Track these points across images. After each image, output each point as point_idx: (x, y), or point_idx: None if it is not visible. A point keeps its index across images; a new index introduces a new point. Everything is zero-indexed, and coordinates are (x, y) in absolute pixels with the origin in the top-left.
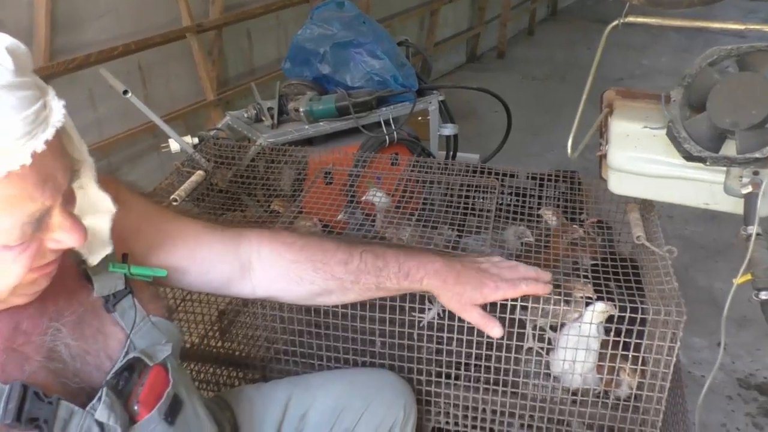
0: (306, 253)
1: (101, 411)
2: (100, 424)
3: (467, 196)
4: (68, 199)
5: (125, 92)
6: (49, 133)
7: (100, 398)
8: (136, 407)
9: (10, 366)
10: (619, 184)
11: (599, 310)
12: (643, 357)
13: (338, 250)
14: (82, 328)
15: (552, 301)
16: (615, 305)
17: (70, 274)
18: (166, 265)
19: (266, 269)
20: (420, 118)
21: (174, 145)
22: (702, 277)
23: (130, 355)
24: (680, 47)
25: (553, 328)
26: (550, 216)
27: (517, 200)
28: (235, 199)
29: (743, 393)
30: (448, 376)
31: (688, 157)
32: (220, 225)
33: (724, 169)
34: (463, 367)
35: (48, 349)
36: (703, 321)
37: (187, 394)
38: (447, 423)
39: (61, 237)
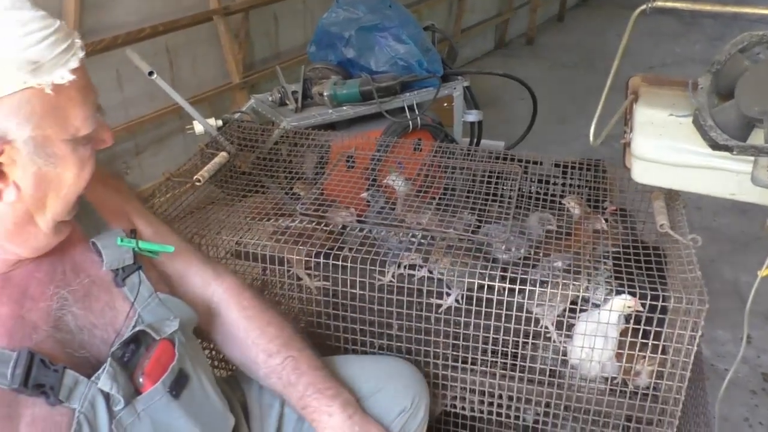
0: (250, 323)
1: (104, 380)
2: (105, 394)
3: (489, 183)
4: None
5: (150, 73)
6: (79, 39)
7: (104, 368)
8: (141, 379)
9: (19, 333)
10: (643, 173)
11: (621, 304)
12: (664, 346)
13: (272, 341)
14: (90, 301)
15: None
16: (638, 300)
17: (78, 246)
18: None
19: (217, 313)
20: (446, 104)
21: (198, 127)
22: (728, 269)
23: (137, 328)
24: (714, 35)
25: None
26: (573, 205)
27: (541, 188)
28: (257, 181)
29: None
30: (464, 361)
31: (714, 145)
32: (202, 253)
33: (752, 158)
34: (480, 353)
35: (55, 319)
36: (728, 314)
37: (194, 370)
38: (463, 408)
39: (104, 136)
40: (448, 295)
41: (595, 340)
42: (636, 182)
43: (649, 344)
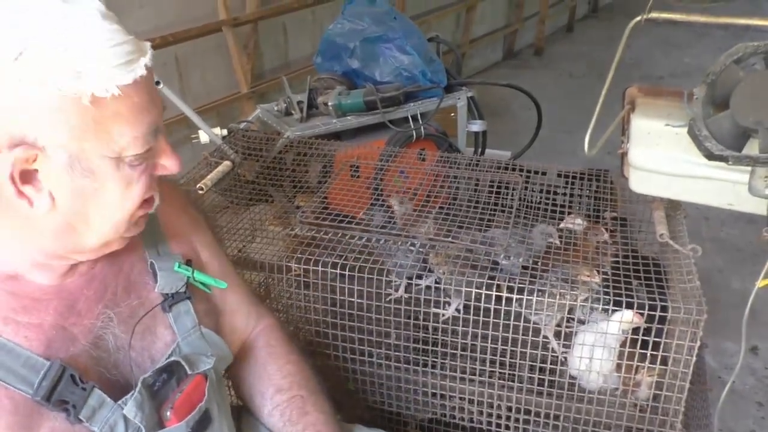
0: (271, 357)
1: (130, 406)
2: (127, 420)
3: (492, 192)
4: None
5: (157, 83)
6: (148, 59)
7: (132, 394)
8: (168, 413)
9: (57, 343)
10: (640, 182)
11: (626, 320)
12: (664, 357)
13: (286, 377)
14: (132, 322)
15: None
16: (642, 317)
17: (136, 266)
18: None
19: (245, 349)
20: (452, 114)
21: (204, 137)
22: (736, 280)
23: (172, 358)
24: (725, 46)
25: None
26: (577, 222)
27: (546, 197)
28: (261, 190)
29: None
30: (464, 371)
31: (710, 155)
32: (253, 294)
33: (749, 168)
34: (478, 363)
35: (96, 336)
36: (736, 325)
37: (218, 414)
38: (462, 419)
39: (166, 162)
40: (449, 305)
41: (595, 351)
42: (637, 192)
43: (648, 355)
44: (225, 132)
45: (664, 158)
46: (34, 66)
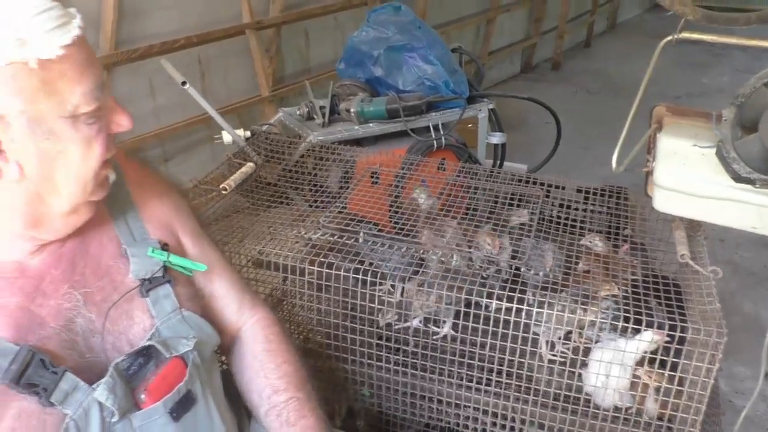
0: (268, 356)
1: (101, 390)
2: (101, 404)
3: (511, 205)
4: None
5: (183, 83)
6: (79, 20)
7: (105, 378)
8: (142, 395)
9: (25, 327)
10: (665, 202)
11: (648, 339)
12: (680, 377)
13: (283, 378)
14: (106, 306)
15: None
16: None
17: (108, 249)
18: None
19: (241, 342)
20: (470, 125)
21: (226, 137)
22: (749, 304)
23: (149, 343)
24: (743, 67)
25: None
26: (596, 242)
27: (562, 212)
28: (282, 193)
29: None
30: (478, 381)
31: (737, 177)
32: (244, 281)
33: None
34: (495, 373)
35: (66, 319)
36: (748, 349)
37: (203, 393)
38: (475, 429)
39: (119, 119)
40: (445, 323)
41: (611, 368)
42: (658, 211)
43: (665, 375)
44: (248, 134)
45: (690, 178)
46: None
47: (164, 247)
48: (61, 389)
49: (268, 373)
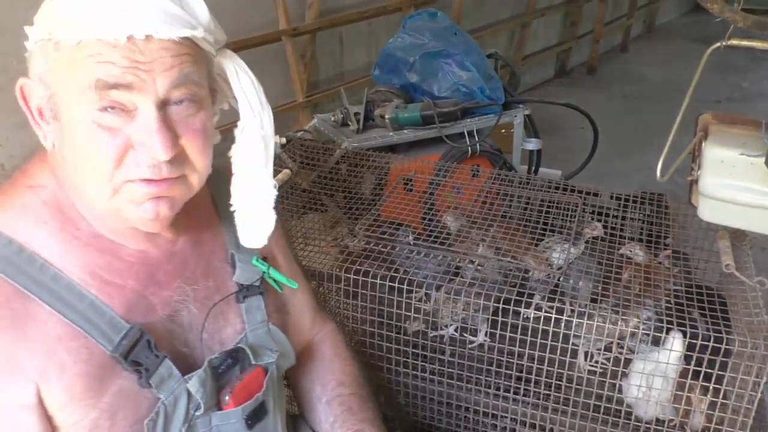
0: (337, 357)
1: (194, 382)
2: (189, 395)
3: (548, 213)
4: (188, 113)
5: None
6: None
7: (198, 371)
8: (227, 397)
9: (135, 309)
10: (710, 211)
11: (678, 348)
12: (725, 390)
13: (348, 375)
14: (208, 305)
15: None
16: (698, 337)
17: (217, 253)
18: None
19: (311, 350)
20: (504, 131)
21: None
22: None
23: (239, 345)
24: None
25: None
26: (636, 252)
27: (599, 220)
28: (316, 199)
29: None
30: (516, 392)
31: None
32: (317, 299)
33: None
34: (533, 384)
35: (173, 310)
36: None
37: (273, 408)
38: None
39: (144, 138)
40: (480, 332)
41: (652, 380)
42: (699, 219)
43: (710, 388)
44: (284, 140)
45: (737, 188)
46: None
47: (264, 259)
48: (160, 373)
49: (334, 369)
